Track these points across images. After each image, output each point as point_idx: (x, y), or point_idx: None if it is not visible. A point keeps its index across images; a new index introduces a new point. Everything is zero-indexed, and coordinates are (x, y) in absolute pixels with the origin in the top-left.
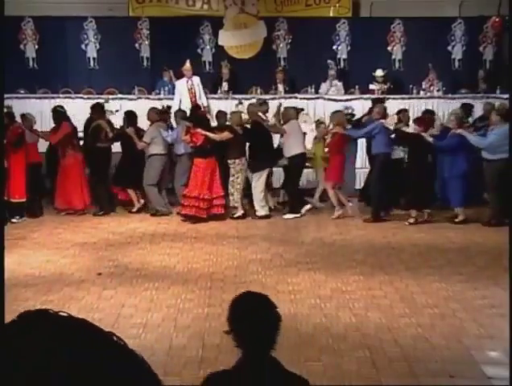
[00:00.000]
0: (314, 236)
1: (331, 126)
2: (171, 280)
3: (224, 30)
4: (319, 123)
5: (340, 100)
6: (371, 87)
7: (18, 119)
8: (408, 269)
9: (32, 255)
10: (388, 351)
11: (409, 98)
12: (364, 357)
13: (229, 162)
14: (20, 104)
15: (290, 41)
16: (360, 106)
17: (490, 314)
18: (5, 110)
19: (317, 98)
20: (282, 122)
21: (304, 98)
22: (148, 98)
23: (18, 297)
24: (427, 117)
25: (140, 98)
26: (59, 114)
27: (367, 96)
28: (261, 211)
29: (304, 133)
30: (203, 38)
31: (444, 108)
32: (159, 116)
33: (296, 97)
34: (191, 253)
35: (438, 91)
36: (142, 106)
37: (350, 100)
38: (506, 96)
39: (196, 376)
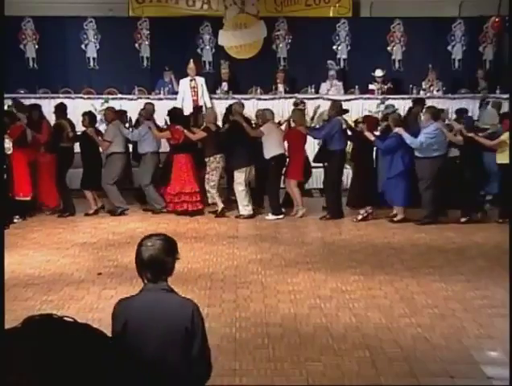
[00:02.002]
0: (314, 236)
1: (292, 124)
2: (171, 280)
3: (224, 30)
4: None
5: (340, 100)
6: (371, 87)
7: None
8: (408, 269)
9: (32, 255)
10: (388, 351)
11: (409, 98)
12: (364, 357)
13: (206, 159)
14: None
15: (290, 41)
16: (360, 106)
17: (490, 314)
18: (6, 108)
19: (317, 98)
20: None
21: (304, 98)
22: (148, 98)
23: (18, 297)
24: (372, 117)
25: (140, 98)
26: (41, 113)
27: (367, 95)
28: (243, 211)
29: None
30: (203, 38)
31: (444, 108)
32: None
33: (296, 97)
34: (191, 253)
35: (438, 91)
36: (142, 106)
37: (350, 100)
38: (506, 96)
39: None
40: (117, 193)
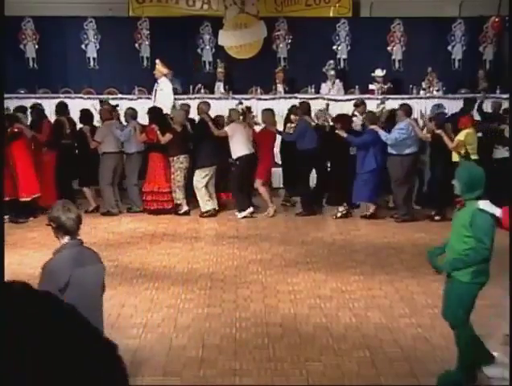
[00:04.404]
0: (314, 236)
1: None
2: (171, 280)
3: (224, 30)
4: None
5: (341, 100)
6: (371, 87)
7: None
8: (408, 269)
9: (32, 255)
10: (388, 351)
11: (409, 98)
12: (364, 357)
13: (170, 159)
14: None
15: (290, 41)
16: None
17: (490, 314)
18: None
19: (317, 98)
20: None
21: (304, 98)
22: (148, 98)
23: None
24: (346, 115)
25: (140, 98)
26: (41, 112)
27: (367, 95)
28: (204, 206)
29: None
30: (203, 38)
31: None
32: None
33: (296, 97)
34: (191, 253)
35: (438, 91)
36: (141, 106)
37: (350, 100)
38: (506, 95)
39: (196, 376)
40: (111, 196)
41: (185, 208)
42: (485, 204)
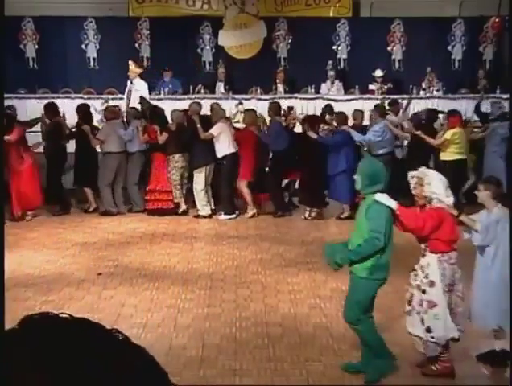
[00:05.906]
0: (314, 236)
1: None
2: (171, 280)
3: (224, 30)
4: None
5: (341, 100)
6: (371, 87)
7: None
8: (408, 269)
9: (32, 255)
10: None
11: (409, 98)
12: None
13: (167, 158)
14: (20, 104)
15: (290, 41)
16: (360, 106)
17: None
18: None
19: (317, 98)
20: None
21: (304, 98)
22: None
23: (18, 297)
24: (314, 116)
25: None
26: (12, 118)
27: (367, 96)
28: (202, 210)
29: None
30: (203, 38)
31: (444, 108)
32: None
33: (296, 97)
34: (191, 253)
35: (438, 91)
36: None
37: (350, 100)
38: (506, 96)
39: (196, 376)
40: (110, 196)
41: (183, 207)
42: (381, 197)
